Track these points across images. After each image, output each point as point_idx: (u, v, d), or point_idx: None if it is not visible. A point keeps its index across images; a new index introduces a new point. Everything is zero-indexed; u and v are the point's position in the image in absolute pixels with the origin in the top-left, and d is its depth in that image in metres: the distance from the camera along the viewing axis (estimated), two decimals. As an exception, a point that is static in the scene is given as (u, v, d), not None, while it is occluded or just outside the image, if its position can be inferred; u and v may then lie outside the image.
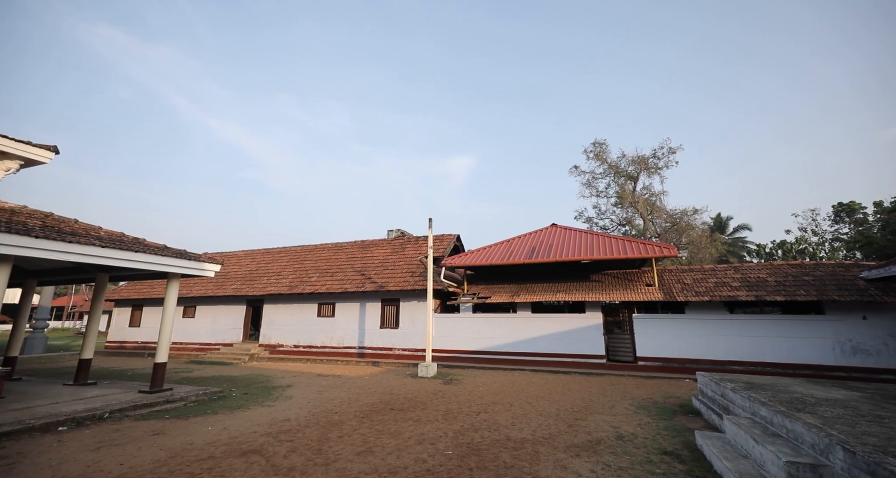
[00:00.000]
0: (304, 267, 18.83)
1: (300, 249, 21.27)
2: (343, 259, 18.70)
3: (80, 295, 49.48)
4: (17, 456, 5.05)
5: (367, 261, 17.94)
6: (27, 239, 6.19)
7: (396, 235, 20.20)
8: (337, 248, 20.22)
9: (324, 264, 18.61)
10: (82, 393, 8.48)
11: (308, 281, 17.23)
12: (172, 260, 8.46)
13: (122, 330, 21.06)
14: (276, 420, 6.86)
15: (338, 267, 17.99)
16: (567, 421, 6.84)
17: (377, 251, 18.69)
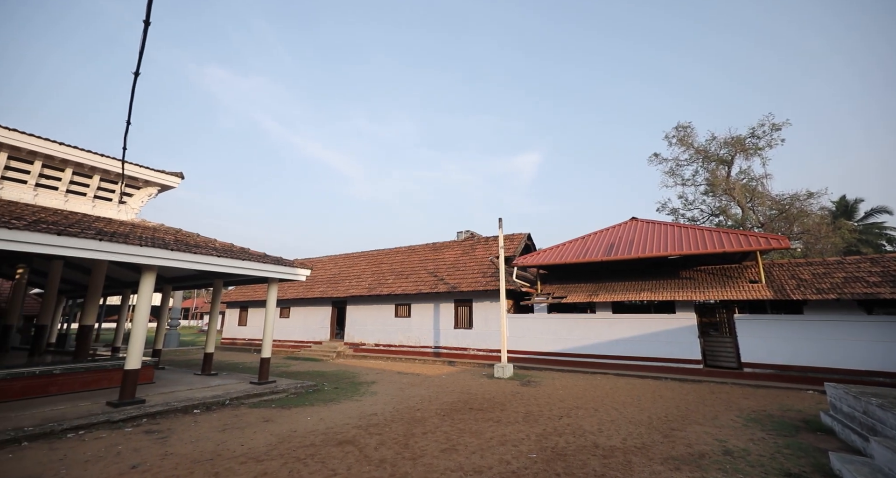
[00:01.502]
0: (381, 270, 19.90)
1: (376, 252, 22.53)
2: (416, 261, 19.40)
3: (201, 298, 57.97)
4: (168, 431, 6.09)
5: (439, 262, 18.38)
6: (165, 251, 7.44)
7: (466, 237, 20.40)
8: (410, 251, 21.03)
9: (399, 267, 19.49)
10: (208, 382, 9.91)
11: (385, 283, 18.17)
12: (271, 266, 9.53)
13: (232, 328, 24.22)
14: (364, 414, 7.34)
15: (412, 269, 18.71)
16: (661, 431, 6.30)
17: (448, 253, 19.05)
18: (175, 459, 4.95)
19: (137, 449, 5.30)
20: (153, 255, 7.26)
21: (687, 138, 25.29)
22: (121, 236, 7.13)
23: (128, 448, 5.33)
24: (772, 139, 22.80)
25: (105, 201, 10.04)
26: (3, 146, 8.51)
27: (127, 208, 10.27)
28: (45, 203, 9.10)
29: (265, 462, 4.88)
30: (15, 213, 6.82)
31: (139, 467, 4.70)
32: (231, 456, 5.08)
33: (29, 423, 6.04)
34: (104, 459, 4.94)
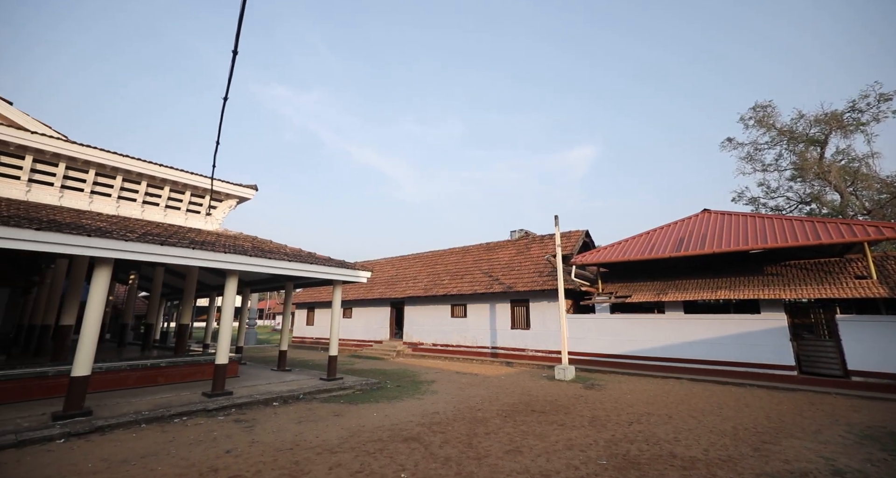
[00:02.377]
0: (436, 271, 20.23)
1: (431, 254, 22.95)
2: (470, 262, 19.45)
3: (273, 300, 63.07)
4: (253, 421, 6.72)
5: (493, 262, 18.26)
6: (245, 257, 8.22)
7: (520, 236, 20.06)
8: (464, 251, 21.15)
9: (453, 268, 19.67)
10: (283, 377, 10.75)
11: (440, 284, 18.44)
12: (336, 269, 10.11)
13: (301, 328, 26.03)
14: (426, 412, 7.51)
15: (466, 270, 18.79)
16: (751, 443, 5.71)
17: (502, 253, 18.87)
18: (261, 447, 5.44)
19: (229, 436, 5.90)
20: (235, 260, 8.05)
21: (767, 119, 22.68)
22: (209, 245, 8.01)
23: (221, 435, 5.95)
24: (879, 112, 19.66)
25: (195, 214, 11.34)
26: (118, 170, 9.95)
27: (212, 219, 11.53)
28: (150, 218, 10.48)
29: (338, 454, 5.18)
30: (129, 227, 7.94)
31: (232, 452, 5.22)
32: (308, 447, 5.46)
33: (145, 408, 6.99)
34: (204, 443, 5.56)
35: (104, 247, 6.47)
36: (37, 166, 9.02)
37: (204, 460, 4.88)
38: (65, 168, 9.30)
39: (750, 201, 23.93)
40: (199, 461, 4.85)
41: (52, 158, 9.08)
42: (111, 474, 4.45)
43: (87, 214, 8.78)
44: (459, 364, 15.47)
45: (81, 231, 6.28)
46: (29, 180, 8.98)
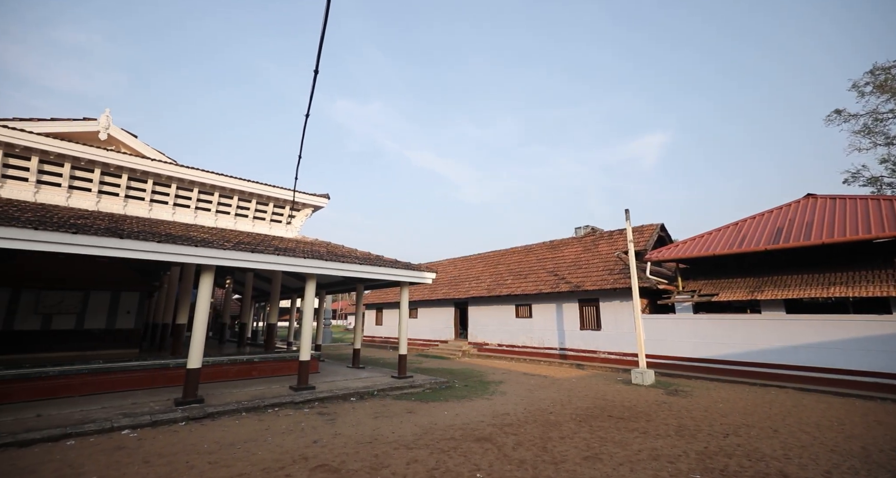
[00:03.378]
0: (499, 271, 20.05)
1: (492, 254, 22.81)
2: (533, 261, 18.99)
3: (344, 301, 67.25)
4: (334, 414, 7.21)
5: (558, 261, 17.64)
6: (321, 262, 8.87)
7: (586, 232, 19.14)
8: (526, 250, 20.71)
9: (516, 267, 19.36)
10: (358, 374, 11.40)
11: (504, 284, 18.25)
12: (402, 271, 10.49)
13: (370, 327, 27.38)
14: (497, 413, 7.47)
15: (529, 269, 18.38)
16: (892, 468, 4.83)
17: (567, 250, 18.16)
18: (343, 439, 5.82)
19: (315, 427, 6.39)
20: (313, 265, 8.73)
21: (890, 82, 19.12)
22: (290, 251, 8.77)
23: (308, 426, 6.47)
24: None
25: (277, 223, 12.52)
26: (215, 188, 11.34)
27: (292, 228, 12.64)
28: (241, 228, 11.78)
29: (414, 450, 5.35)
30: (225, 237, 9.00)
31: (318, 442, 5.65)
32: (385, 441, 5.72)
33: (244, 398, 7.84)
34: (294, 432, 6.09)
35: (207, 255, 7.39)
36: (155, 188, 10.59)
37: (295, 449, 5.34)
38: (175, 188, 10.80)
39: (869, 181, 20.34)
40: (292, 449, 5.32)
41: (167, 179, 10.60)
42: (222, 455, 5.05)
43: (194, 227, 10.12)
44: (526, 365, 15.15)
45: (190, 242, 7.24)
46: (151, 201, 10.57)
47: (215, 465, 4.73)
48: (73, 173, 9.53)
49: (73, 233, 6.10)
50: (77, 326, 10.67)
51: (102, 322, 11.04)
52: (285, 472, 4.55)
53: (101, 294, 11.10)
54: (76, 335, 10.64)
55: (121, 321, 11.33)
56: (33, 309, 10.14)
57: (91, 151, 9.39)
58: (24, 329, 9.96)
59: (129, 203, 10.29)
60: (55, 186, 9.41)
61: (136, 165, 9.94)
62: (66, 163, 9.35)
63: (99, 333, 10.93)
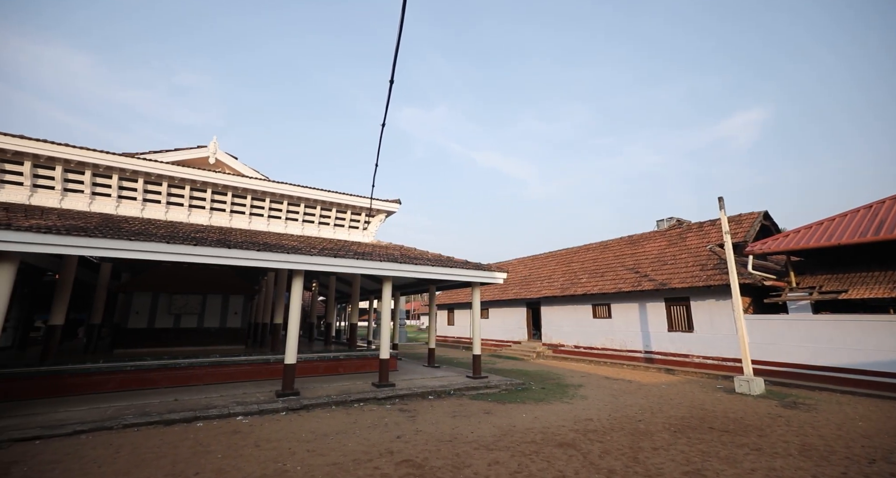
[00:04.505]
0: (572, 269, 19.18)
1: (564, 252, 21.90)
2: (611, 258, 17.84)
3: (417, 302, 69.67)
4: (414, 412, 7.48)
5: (639, 257, 16.34)
6: (396, 264, 9.29)
7: (671, 225, 17.46)
8: (602, 247, 19.53)
9: (591, 265, 18.35)
10: (433, 373, 11.69)
11: (578, 282, 17.40)
12: (473, 272, 10.54)
13: (443, 328, 27.94)
14: (578, 418, 7.13)
15: (607, 266, 17.30)
16: None
17: (649, 245, 16.74)
18: (424, 436, 6.00)
19: (397, 423, 6.69)
20: (389, 267, 9.17)
21: None
22: (368, 255, 9.32)
23: (391, 421, 6.79)
24: None
25: (354, 229, 13.42)
26: (302, 199, 12.51)
27: (368, 233, 13.45)
28: (324, 235, 12.82)
29: (494, 452, 5.33)
30: (311, 244, 9.87)
31: (401, 438, 5.90)
32: (465, 441, 5.78)
33: (333, 393, 8.50)
34: (378, 427, 6.44)
35: (297, 261, 8.16)
36: (253, 202, 11.99)
37: (381, 443, 5.64)
38: (269, 202, 12.13)
39: None
40: (377, 443, 5.63)
41: (261, 194, 11.95)
42: (318, 445, 5.52)
43: (285, 236, 11.26)
44: (607, 368, 14.26)
45: (283, 249, 8.06)
46: (250, 214, 12.00)
47: (313, 453, 5.18)
48: (191, 194, 11.18)
49: (193, 245, 7.16)
50: (198, 324, 12.48)
51: (217, 321, 12.76)
52: (374, 464, 4.82)
53: (214, 297, 12.85)
54: (198, 332, 12.44)
55: (230, 321, 12.98)
56: (167, 310, 12.07)
57: (204, 174, 10.94)
58: (161, 327, 11.91)
59: (233, 217, 11.78)
60: (179, 205, 11.12)
61: (237, 183, 11.36)
62: (187, 186, 11.00)
63: (214, 331, 12.66)
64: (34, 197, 9.47)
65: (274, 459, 4.95)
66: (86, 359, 8.91)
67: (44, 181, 9.56)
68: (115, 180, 10.16)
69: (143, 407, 7.00)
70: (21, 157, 9.14)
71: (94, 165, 9.78)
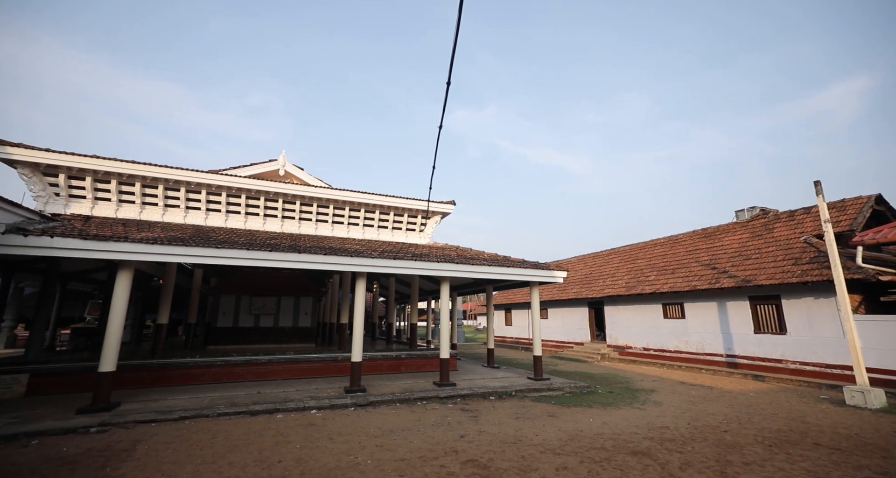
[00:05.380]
0: (638, 266, 18.00)
1: (628, 248, 20.63)
2: (682, 253, 16.45)
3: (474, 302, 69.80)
4: (476, 412, 7.48)
5: (716, 251, 14.88)
6: (453, 265, 9.38)
7: (754, 215, 15.67)
8: (671, 241, 18.09)
9: (660, 261, 17.07)
10: (493, 374, 11.60)
11: (646, 280, 16.27)
12: (531, 271, 10.31)
13: (500, 328, 27.65)
14: (653, 425, 6.65)
15: (678, 262, 15.98)
16: None
17: (727, 238, 15.18)
18: (488, 436, 5.98)
19: (460, 422, 6.73)
20: (446, 268, 9.28)
21: None
22: (425, 256, 9.52)
23: (454, 421, 6.85)
24: None
25: (411, 231, 13.79)
26: (363, 205, 13.14)
27: (424, 235, 13.75)
28: (383, 238, 13.34)
29: (562, 457, 5.15)
30: (372, 247, 10.32)
31: (465, 437, 5.93)
32: (530, 443, 5.66)
33: (396, 390, 8.79)
34: (442, 426, 6.53)
35: (359, 263, 8.57)
36: (318, 209, 12.82)
37: (444, 441, 5.71)
38: (332, 208, 12.89)
39: None
40: (442, 441, 5.71)
41: (325, 202, 12.74)
42: (385, 440, 5.74)
43: (347, 240, 11.90)
44: (682, 373, 13.15)
45: (346, 253, 8.51)
46: (316, 221, 12.86)
47: (381, 448, 5.40)
48: (265, 204, 12.23)
49: (269, 251, 7.82)
50: (274, 324, 13.60)
51: (290, 321, 13.82)
52: (439, 462, 4.90)
53: (287, 299, 13.92)
54: (274, 331, 13.56)
55: (301, 321, 13.98)
56: (248, 311, 13.32)
57: (275, 185, 11.92)
58: (244, 326, 13.16)
59: (301, 224, 12.69)
60: (255, 215, 12.22)
61: (304, 192, 12.22)
62: (261, 197, 12.07)
63: (288, 330, 13.72)
64: (143, 213, 10.97)
65: (346, 451, 5.23)
66: (185, 354, 10.11)
67: (149, 199, 11.03)
68: (203, 195, 11.43)
69: (232, 398, 7.78)
70: (133, 179, 10.65)
71: (187, 182, 11.09)
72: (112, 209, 10.62)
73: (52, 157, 9.63)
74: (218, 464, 4.74)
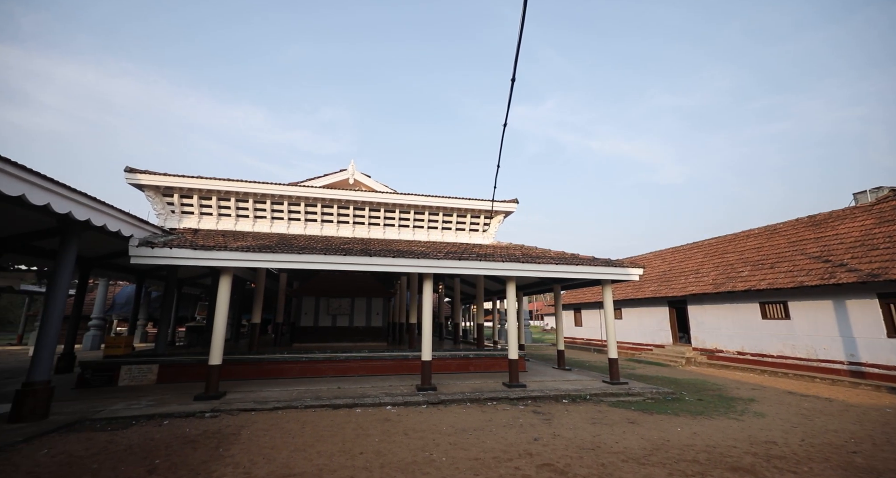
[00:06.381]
0: (727, 261, 16.14)
1: (715, 241, 18.59)
2: (783, 244, 14.41)
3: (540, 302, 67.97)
4: (549, 414, 7.27)
5: (829, 241, 12.80)
6: (518, 264, 9.23)
7: (880, 197, 13.20)
8: (769, 232, 15.95)
9: (754, 255, 15.14)
10: (565, 376, 11.17)
11: (738, 276, 14.53)
12: (603, 268, 9.76)
13: (569, 329, 26.54)
14: (755, 439, 5.91)
15: (778, 255, 14.03)
16: None
17: (843, 226, 12.98)
18: (563, 441, 5.77)
19: (532, 425, 6.59)
20: (511, 268, 9.16)
21: None
22: (489, 256, 9.49)
23: (526, 422, 6.73)
24: None
25: (474, 232, 13.84)
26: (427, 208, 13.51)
27: (487, 235, 13.72)
28: (446, 239, 13.57)
29: (647, 467, 4.80)
30: (437, 248, 10.55)
31: (539, 440, 5.79)
32: (610, 451, 5.35)
33: (466, 390, 8.87)
34: (514, 427, 6.45)
35: (426, 265, 8.81)
36: (386, 214, 13.44)
37: (518, 443, 5.63)
38: (398, 212, 13.42)
39: None
40: (515, 443, 5.63)
41: (392, 206, 13.30)
42: (458, 439, 5.82)
43: (413, 242, 12.30)
44: (789, 381, 11.50)
45: (413, 255, 8.80)
46: (384, 225, 13.49)
47: (455, 446, 5.48)
48: (338, 212, 13.12)
49: (343, 255, 8.38)
50: (349, 324, 14.50)
51: (363, 321, 14.63)
52: (514, 464, 4.84)
53: (360, 300, 14.76)
54: (349, 330, 14.46)
55: (373, 321, 14.73)
56: (326, 311, 14.38)
57: (346, 193, 12.74)
58: (323, 325, 14.23)
59: (370, 229, 13.39)
60: (329, 222, 13.17)
61: (371, 198, 12.89)
62: (334, 205, 12.97)
63: (361, 329, 14.53)
64: (237, 224, 12.40)
65: (421, 448, 5.40)
66: (275, 350, 11.21)
67: (242, 212, 12.44)
68: (285, 206, 12.60)
69: (317, 392, 8.45)
70: (228, 195, 12.09)
71: (271, 195, 12.30)
72: (213, 222, 12.15)
73: (168, 179, 11.30)
74: (308, 452, 5.19)
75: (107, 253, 11.21)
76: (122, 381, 9.14)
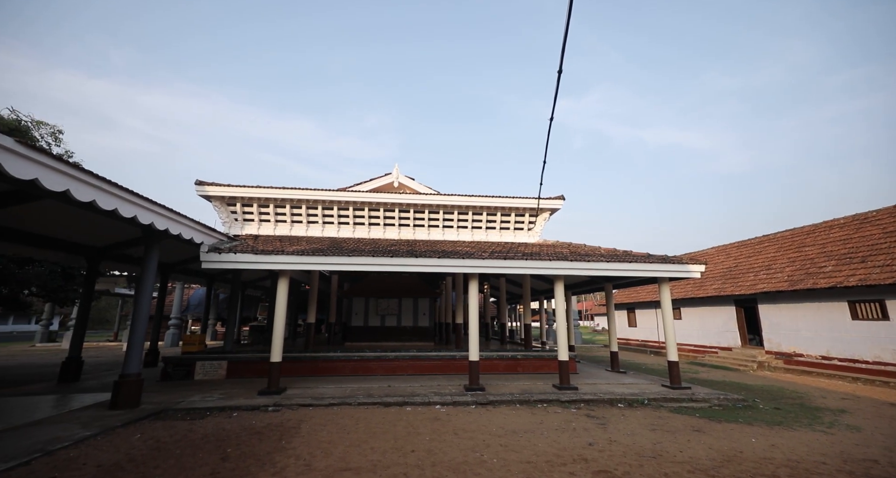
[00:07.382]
0: (805, 255, 14.52)
1: (789, 233, 16.81)
2: (877, 235, 12.70)
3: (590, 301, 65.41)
4: (604, 419, 6.96)
5: (935, 230, 11.09)
6: (566, 262, 8.93)
7: None
8: (857, 222, 14.14)
9: (839, 248, 13.49)
10: (620, 379, 10.64)
11: (819, 272, 13.02)
12: (658, 265, 9.18)
13: (622, 329, 25.23)
14: (850, 456, 5.25)
15: (869, 248, 12.39)
16: None
17: (953, 211, 11.18)
18: (620, 447, 5.49)
19: (586, 429, 6.34)
20: (559, 266, 8.89)
21: None
22: (536, 255, 9.28)
23: (579, 426, 6.48)
24: None
25: (519, 230, 13.62)
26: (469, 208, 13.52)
27: (533, 233, 13.45)
28: (491, 239, 13.48)
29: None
30: (482, 248, 10.51)
31: (594, 446, 5.55)
32: (673, 460, 5.01)
33: (515, 391, 8.73)
34: (566, 431, 6.24)
35: (471, 265, 8.79)
36: (430, 215, 13.62)
37: (571, 448, 5.44)
38: (442, 213, 13.55)
39: None
40: (568, 447, 5.45)
41: (436, 207, 13.45)
42: (509, 440, 5.74)
43: (458, 242, 12.35)
44: (888, 391, 10.09)
45: (458, 255, 8.83)
46: (429, 226, 13.68)
47: (506, 448, 5.41)
48: (384, 214, 13.50)
49: (390, 256, 8.60)
50: (397, 323, 14.86)
51: (410, 321, 14.92)
52: (568, 469, 4.69)
53: (407, 300, 15.07)
54: (397, 330, 14.81)
55: (420, 321, 14.97)
56: (375, 311, 14.84)
57: (391, 196, 13.08)
58: (372, 325, 14.70)
59: (415, 231, 13.64)
60: (376, 225, 13.59)
61: (416, 200, 13.12)
62: (381, 208, 13.37)
63: (409, 329, 14.83)
64: (292, 229, 13.17)
65: (471, 448, 5.40)
66: (329, 349, 11.76)
67: (296, 217, 13.20)
68: (335, 211, 13.18)
69: (368, 390, 8.74)
70: (284, 202, 12.89)
71: (322, 200, 12.93)
72: (271, 228, 13.00)
73: (231, 190, 12.26)
74: (362, 448, 5.37)
75: (182, 259, 12.39)
76: (198, 375, 10.04)
